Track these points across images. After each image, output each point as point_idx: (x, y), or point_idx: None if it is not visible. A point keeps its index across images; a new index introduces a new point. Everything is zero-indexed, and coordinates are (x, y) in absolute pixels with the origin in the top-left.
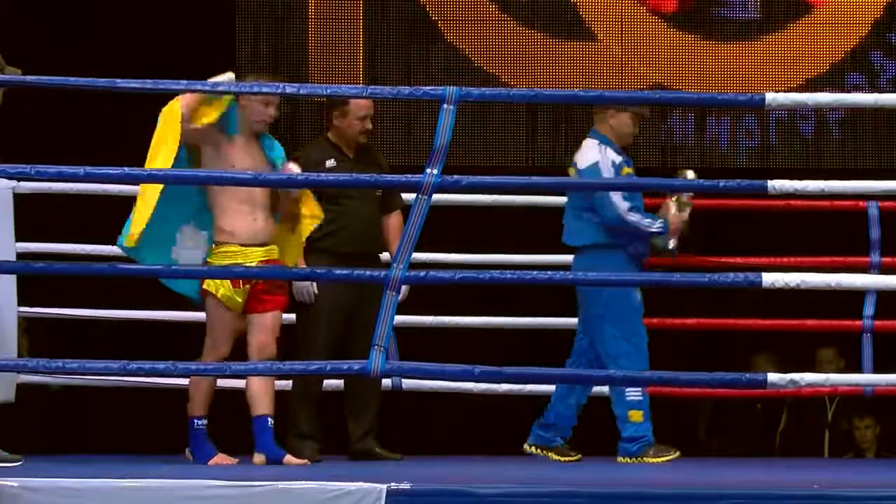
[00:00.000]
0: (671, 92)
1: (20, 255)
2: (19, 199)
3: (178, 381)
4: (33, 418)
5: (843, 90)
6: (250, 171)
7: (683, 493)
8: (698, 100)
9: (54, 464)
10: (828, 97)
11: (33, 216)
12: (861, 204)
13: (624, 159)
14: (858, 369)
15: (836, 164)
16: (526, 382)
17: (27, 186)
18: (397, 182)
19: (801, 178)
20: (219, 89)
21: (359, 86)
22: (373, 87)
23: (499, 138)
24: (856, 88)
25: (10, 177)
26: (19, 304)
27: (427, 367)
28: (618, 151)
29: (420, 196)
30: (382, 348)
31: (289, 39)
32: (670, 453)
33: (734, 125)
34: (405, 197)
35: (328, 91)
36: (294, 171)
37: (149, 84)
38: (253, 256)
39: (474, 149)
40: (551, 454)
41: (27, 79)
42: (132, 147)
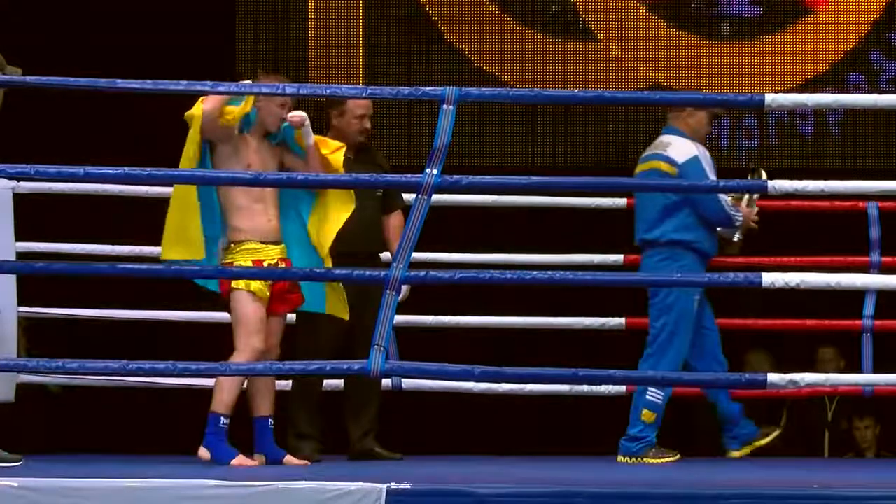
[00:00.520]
0: (671, 92)
1: (20, 255)
2: (19, 199)
3: (177, 381)
4: (33, 418)
5: (842, 90)
6: (258, 171)
7: (683, 493)
8: (698, 99)
9: (54, 464)
10: (828, 97)
11: (33, 216)
12: (861, 204)
13: None
14: (858, 369)
15: (835, 164)
16: (526, 382)
17: (27, 186)
18: (397, 182)
19: (801, 178)
20: (219, 89)
21: (359, 86)
22: (373, 87)
23: (499, 138)
24: (856, 88)
25: (10, 177)
26: (19, 304)
27: (427, 367)
28: None
29: (420, 196)
30: (382, 348)
31: (289, 39)
32: (670, 455)
33: (734, 125)
34: (405, 197)
35: (328, 91)
36: (301, 117)
37: (149, 84)
38: (273, 254)
39: (474, 149)
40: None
41: (27, 79)
42: (132, 147)
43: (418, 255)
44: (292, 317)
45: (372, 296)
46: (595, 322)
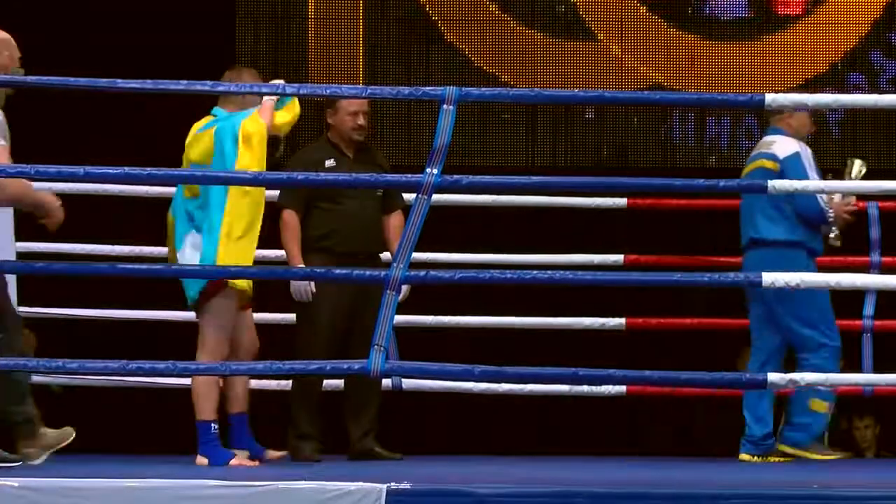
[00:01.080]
0: (671, 92)
1: (20, 255)
2: None
3: (178, 381)
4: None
5: (842, 90)
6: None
7: (683, 493)
8: (698, 100)
9: (54, 464)
10: (828, 98)
11: (33, 216)
12: (861, 204)
13: None
14: (858, 369)
15: (836, 164)
16: (526, 382)
17: None
18: (397, 182)
19: None
20: (218, 89)
21: (359, 86)
22: (373, 87)
23: (499, 138)
24: (856, 88)
25: (10, 177)
26: (19, 304)
27: (427, 367)
28: None
29: (420, 196)
30: (382, 348)
31: (289, 39)
32: (835, 454)
33: (734, 125)
34: (406, 197)
35: (328, 91)
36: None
37: (149, 84)
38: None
39: (474, 149)
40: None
41: (27, 79)
42: (132, 147)
43: (418, 255)
44: (292, 317)
45: (372, 296)
46: (595, 322)
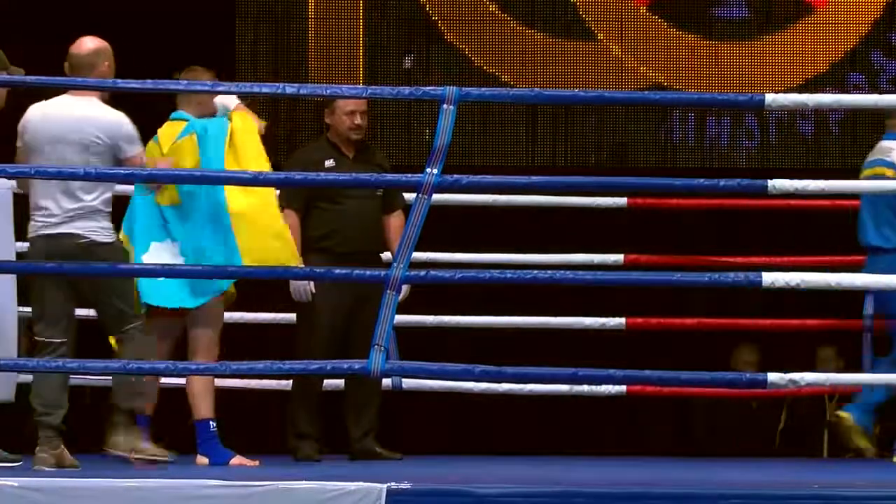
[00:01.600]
0: (671, 92)
1: (20, 255)
2: (19, 199)
3: (177, 381)
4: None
5: (843, 90)
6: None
7: (683, 493)
8: (698, 100)
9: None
10: (828, 98)
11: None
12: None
13: None
14: (858, 369)
15: (836, 164)
16: (526, 382)
17: None
18: (397, 182)
19: (801, 178)
20: (219, 89)
21: (358, 86)
22: (373, 87)
23: (499, 138)
24: (856, 88)
25: (10, 177)
26: (19, 303)
27: (427, 367)
28: None
29: (420, 196)
30: (382, 348)
31: (289, 39)
32: None
33: (734, 125)
34: (406, 197)
35: (328, 91)
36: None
37: (149, 84)
38: None
39: (474, 149)
40: None
41: (28, 79)
42: None
43: (418, 255)
44: (292, 316)
45: (372, 296)
46: (595, 322)
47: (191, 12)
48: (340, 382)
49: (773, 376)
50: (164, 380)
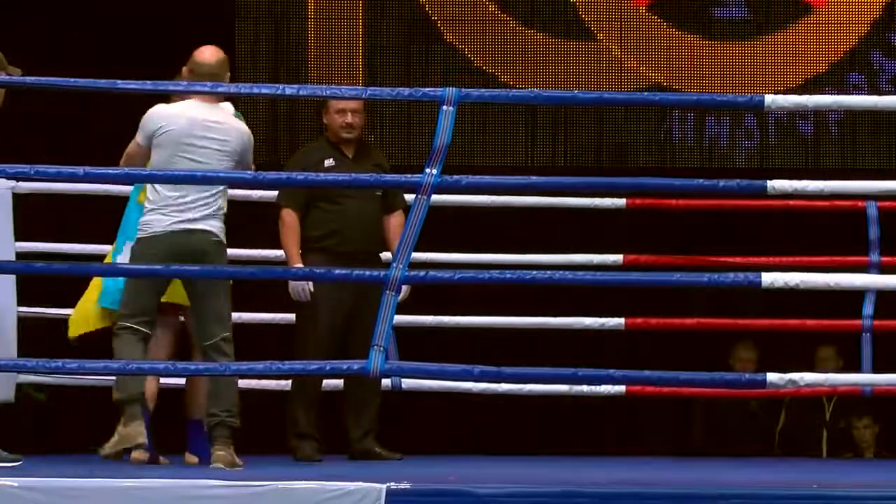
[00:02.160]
0: (671, 93)
1: (20, 255)
2: (19, 199)
3: (177, 381)
4: (33, 418)
5: (842, 90)
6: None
7: (683, 493)
8: (698, 100)
9: (54, 464)
10: (827, 99)
11: (33, 216)
12: (860, 204)
13: None
14: (857, 369)
15: (835, 164)
16: (526, 382)
17: (27, 186)
18: (397, 182)
19: (800, 178)
20: (219, 90)
21: (358, 86)
22: (372, 87)
23: (499, 138)
24: (855, 88)
25: (10, 177)
26: (19, 304)
27: (427, 367)
28: None
29: (420, 196)
30: (382, 348)
31: (288, 39)
32: None
33: (734, 125)
34: (406, 197)
35: (327, 92)
36: None
37: (149, 84)
38: None
39: (474, 149)
40: None
41: (27, 79)
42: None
43: (418, 255)
44: (292, 316)
45: (371, 296)
46: (595, 322)
47: (191, 12)
48: (340, 382)
49: (772, 376)
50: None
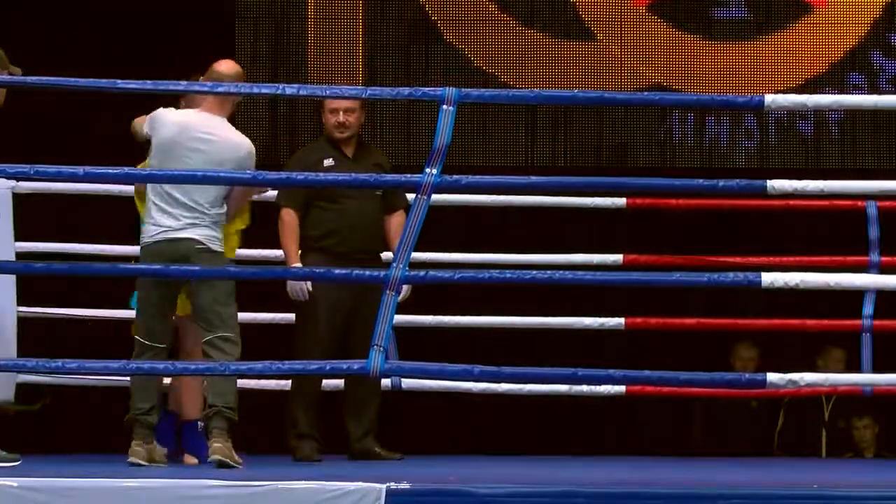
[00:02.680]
0: (671, 93)
1: (20, 255)
2: (19, 199)
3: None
4: (33, 418)
5: (842, 90)
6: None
7: (683, 493)
8: (698, 100)
9: (54, 464)
10: (827, 98)
11: (33, 216)
12: (860, 203)
13: None
14: (857, 369)
15: (835, 164)
16: (526, 382)
17: (27, 186)
18: (397, 182)
19: (800, 178)
20: (218, 90)
21: (358, 86)
22: (372, 87)
23: (499, 138)
24: (855, 88)
25: (10, 177)
26: (19, 304)
27: (427, 367)
28: None
29: (420, 196)
30: (382, 348)
31: (288, 39)
32: None
33: (734, 125)
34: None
35: (327, 91)
36: None
37: (149, 84)
38: None
39: (474, 149)
40: None
41: (27, 79)
42: (132, 147)
43: (418, 255)
44: (292, 316)
45: (371, 295)
46: (595, 322)
47: (191, 12)
48: (340, 382)
49: (772, 376)
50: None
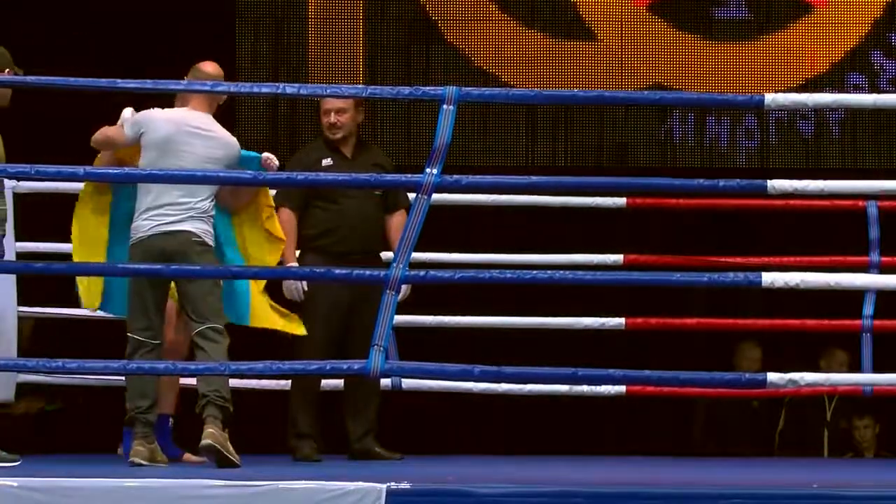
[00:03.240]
0: (671, 92)
1: (20, 255)
2: (19, 199)
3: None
4: (33, 418)
5: (843, 90)
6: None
7: (683, 493)
8: (698, 100)
9: (54, 464)
10: (828, 97)
11: (33, 216)
12: (861, 203)
13: None
14: (858, 369)
15: (835, 164)
16: (526, 382)
17: (27, 186)
18: (397, 182)
19: (801, 178)
20: (218, 89)
21: (358, 85)
22: (373, 86)
23: (499, 138)
24: (856, 88)
25: (10, 177)
26: (19, 304)
27: (427, 367)
28: None
29: (420, 196)
30: (382, 348)
31: (289, 39)
32: None
33: (734, 125)
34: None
35: (328, 91)
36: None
37: (149, 84)
38: None
39: (474, 149)
40: None
41: (27, 79)
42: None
43: (418, 255)
44: None
45: (370, 295)
46: (595, 322)
47: (191, 12)
48: (340, 382)
49: (772, 376)
50: None
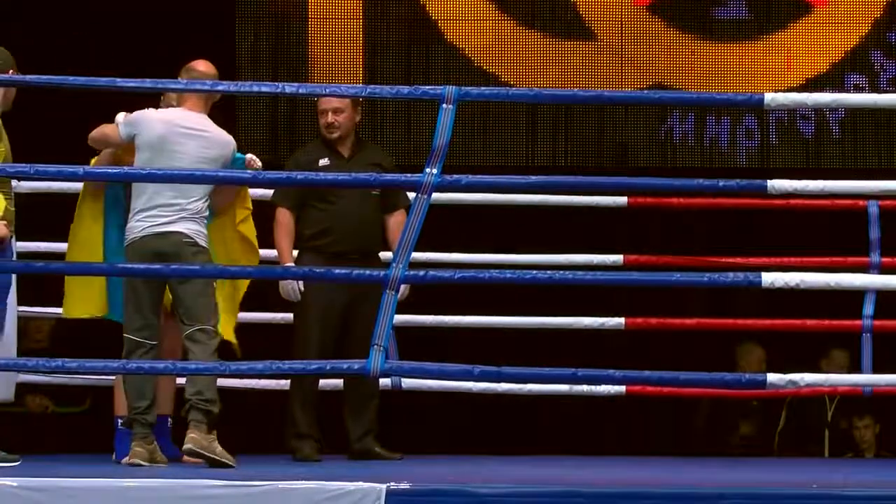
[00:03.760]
0: (671, 92)
1: (20, 255)
2: (19, 199)
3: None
4: (33, 418)
5: (843, 90)
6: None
7: (683, 493)
8: (698, 100)
9: (54, 464)
10: (828, 97)
11: (33, 216)
12: (861, 203)
13: None
14: (858, 369)
15: (835, 164)
16: (525, 382)
17: (27, 186)
18: (396, 181)
19: (801, 178)
20: (218, 89)
21: (358, 85)
22: (372, 86)
23: (499, 137)
24: (856, 88)
25: (10, 176)
26: (19, 304)
27: (427, 367)
28: None
29: (420, 195)
30: (382, 348)
31: (289, 38)
32: None
33: (734, 125)
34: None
35: (328, 91)
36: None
37: (148, 84)
38: None
39: (475, 148)
40: None
41: (27, 78)
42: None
43: (418, 255)
44: (290, 316)
45: (368, 295)
46: (595, 322)
47: (191, 12)
48: (340, 382)
49: (772, 377)
50: None
